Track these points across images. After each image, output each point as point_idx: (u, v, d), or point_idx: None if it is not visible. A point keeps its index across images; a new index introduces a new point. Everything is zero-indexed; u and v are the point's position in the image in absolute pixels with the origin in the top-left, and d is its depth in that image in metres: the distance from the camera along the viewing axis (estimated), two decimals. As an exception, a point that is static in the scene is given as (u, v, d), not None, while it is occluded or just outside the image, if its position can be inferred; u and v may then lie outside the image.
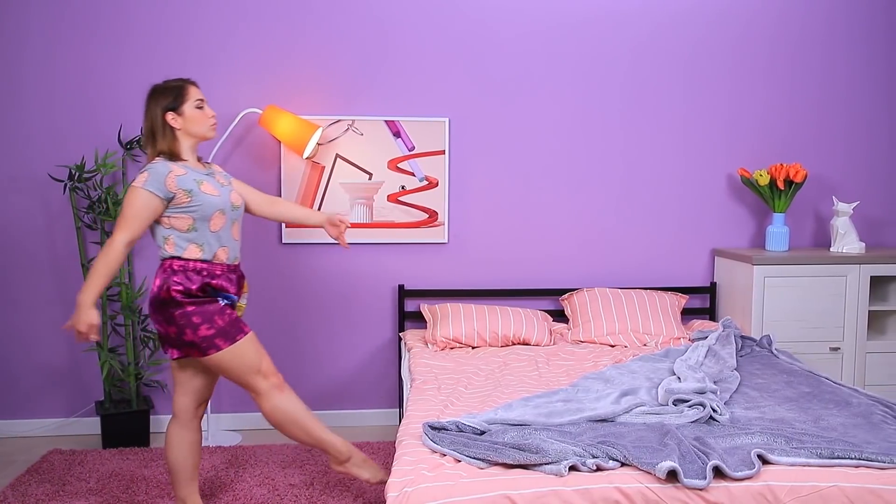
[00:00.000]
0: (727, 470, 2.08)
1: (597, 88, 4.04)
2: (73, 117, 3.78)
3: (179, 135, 2.65)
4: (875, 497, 2.08)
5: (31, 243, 3.82)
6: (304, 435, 2.76)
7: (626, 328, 3.76)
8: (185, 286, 2.56)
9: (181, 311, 2.55)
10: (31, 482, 3.24)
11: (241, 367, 2.66)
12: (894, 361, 3.87)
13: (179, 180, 2.56)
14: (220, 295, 2.63)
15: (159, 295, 2.57)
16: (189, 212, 2.57)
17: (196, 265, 2.59)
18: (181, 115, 2.63)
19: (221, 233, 2.65)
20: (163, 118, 2.62)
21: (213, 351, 2.59)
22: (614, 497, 2.06)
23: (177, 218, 2.57)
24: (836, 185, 4.23)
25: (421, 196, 3.97)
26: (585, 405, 2.60)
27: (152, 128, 2.63)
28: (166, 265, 2.59)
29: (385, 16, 3.90)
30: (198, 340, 2.57)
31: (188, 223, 2.58)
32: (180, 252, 2.58)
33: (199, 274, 2.59)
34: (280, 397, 2.72)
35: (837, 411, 2.61)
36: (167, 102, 2.62)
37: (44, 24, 3.73)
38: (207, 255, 2.61)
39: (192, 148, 2.69)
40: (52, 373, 3.89)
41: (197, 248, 2.60)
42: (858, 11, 4.14)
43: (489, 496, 2.03)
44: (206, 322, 2.57)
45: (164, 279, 2.57)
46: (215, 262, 2.63)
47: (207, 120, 2.68)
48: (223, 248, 2.66)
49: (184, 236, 2.59)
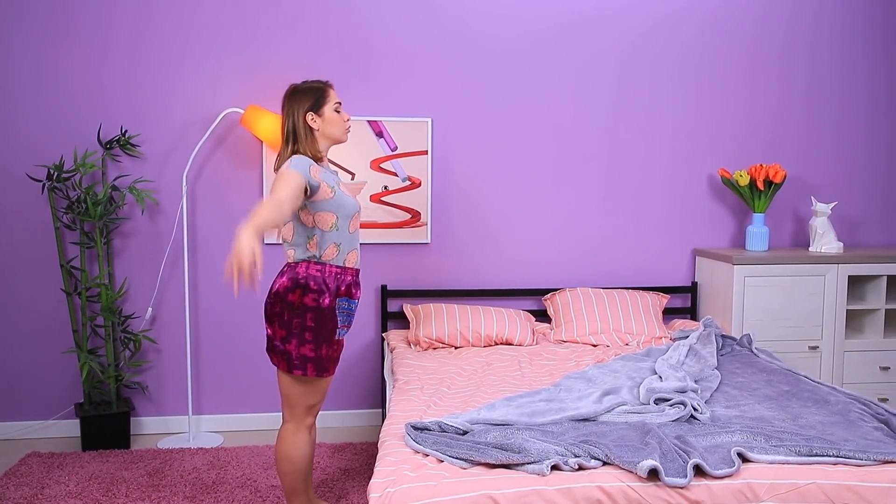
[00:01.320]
0: (707, 468, 2.10)
1: (580, 89, 4.06)
2: (52, 116, 3.75)
3: (317, 136, 2.64)
4: (852, 494, 2.11)
5: (8, 243, 3.77)
6: (291, 480, 2.69)
7: (609, 328, 3.77)
8: (319, 295, 2.52)
9: (300, 321, 2.51)
10: (10, 485, 3.20)
11: (305, 398, 2.63)
12: (871, 360, 3.92)
13: (321, 174, 2.55)
14: (345, 305, 2.59)
15: (287, 297, 2.52)
16: (332, 209, 2.55)
17: (331, 269, 2.57)
18: (321, 117, 2.61)
19: (355, 235, 2.65)
20: (304, 119, 2.60)
21: (299, 372, 2.55)
22: (596, 496, 2.07)
23: (321, 215, 2.54)
24: (815, 186, 4.28)
25: (404, 196, 3.97)
26: (568, 405, 2.61)
27: (294, 128, 2.60)
28: (302, 268, 2.54)
29: (368, 16, 3.90)
30: (295, 354, 2.53)
31: (332, 221, 2.56)
32: (321, 252, 2.55)
33: (335, 279, 2.57)
34: (305, 436, 2.68)
35: (816, 409, 2.64)
36: (309, 104, 2.61)
37: (25, 23, 3.69)
38: (342, 256, 2.59)
39: (327, 150, 2.69)
40: (30, 374, 3.85)
41: (335, 248, 2.57)
42: (841, 15, 4.18)
43: (472, 496, 2.04)
44: (313, 343, 2.53)
45: (295, 281, 2.52)
46: (347, 265, 2.62)
47: (344, 123, 2.68)
48: (354, 250, 2.65)
49: (327, 236, 2.56)
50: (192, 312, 3.91)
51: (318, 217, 2.54)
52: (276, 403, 4.01)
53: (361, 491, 3.15)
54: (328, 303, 2.54)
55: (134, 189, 3.61)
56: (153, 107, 3.80)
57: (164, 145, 3.82)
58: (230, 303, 3.93)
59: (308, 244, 2.56)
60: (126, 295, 3.85)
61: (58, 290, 3.81)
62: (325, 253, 2.56)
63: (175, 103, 3.81)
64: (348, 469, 3.39)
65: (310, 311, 2.52)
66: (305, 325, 2.52)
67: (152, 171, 3.82)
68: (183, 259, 3.85)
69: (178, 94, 3.81)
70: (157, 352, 3.91)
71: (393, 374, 3.29)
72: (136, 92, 3.79)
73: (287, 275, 2.55)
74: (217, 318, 3.93)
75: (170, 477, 3.29)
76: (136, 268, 3.85)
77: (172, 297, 3.89)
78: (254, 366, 3.98)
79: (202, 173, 3.86)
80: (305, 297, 2.51)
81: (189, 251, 3.87)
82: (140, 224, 3.84)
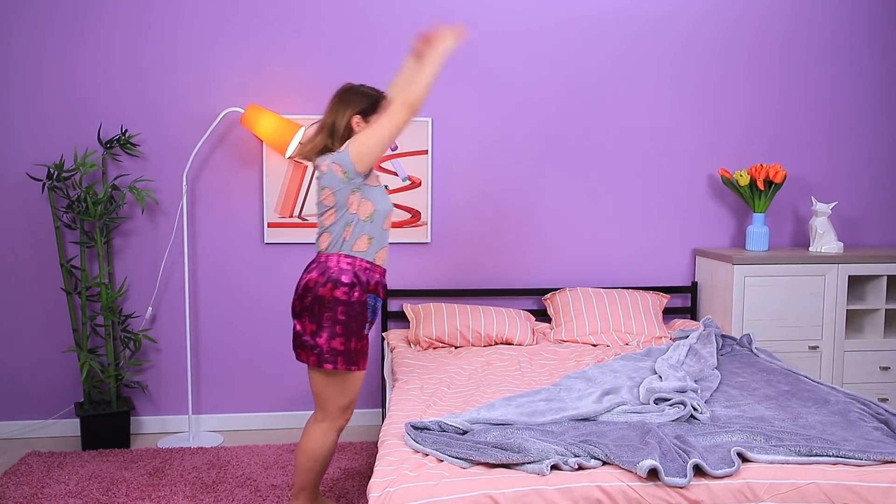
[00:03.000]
0: (707, 468, 2.10)
1: (579, 89, 4.06)
2: (52, 116, 3.75)
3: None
4: (852, 494, 2.11)
5: (8, 243, 3.77)
6: (308, 476, 2.69)
7: (609, 327, 3.77)
8: (350, 289, 2.53)
9: (330, 315, 2.52)
10: (10, 484, 3.20)
11: (337, 397, 2.63)
12: (871, 360, 3.92)
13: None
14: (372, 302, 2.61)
15: (317, 291, 2.53)
16: (373, 198, 2.58)
17: (361, 264, 2.58)
18: (367, 124, 2.62)
19: (387, 234, 2.67)
20: (349, 119, 2.61)
21: (329, 366, 2.55)
22: (595, 496, 2.06)
23: (365, 202, 2.57)
24: (815, 186, 4.28)
25: (404, 196, 3.97)
26: (567, 404, 2.61)
27: (334, 124, 2.61)
28: (333, 261, 2.57)
29: (368, 15, 3.90)
30: (325, 348, 2.54)
31: (370, 211, 2.59)
32: (353, 240, 2.58)
33: (365, 273, 2.58)
34: (334, 437, 2.69)
35: (816, 409, 2.64)
36: (360, 108, 2.62)
37: (26, 22, 3.69)
38: (373, 251, 2.61)
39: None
40: (30, 374, 3.85)
41: (367, 240, 2.60)
42: (841, 13, 4.18)
43: (471, 496, 2.04)
44: (343, 337, 2.54)
45: (326, 275, 2.54)
46: (376, 262, 2.64)
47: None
48: (384, 248, 2.67)
49: (362, 225, 2.58)
50: (192, 312, 3.92)
51: (361, 204, 2.58)
52: (276, 403, 4.02)
53: (361, 491, 3.15)
54: (358, 296, 2.56)
55: (134, 188, 3.61)
56: (153, 106, 3.80)
57: (165, 145, 3.82)
58: (230, 302, 3.93)
59: (344, 231, 2.58)
60: (126, 294, 3.86)
61: (58, 290, 3.81)
62: (357, 243, 2.58)
63: (175, 102, 3.81)
64: (348, 469, 3.39)
65: (341, 304, 2.53)
66: (336, 318, 2.53)
67: (152, 170, 3.83)
68: (183, 259, 3.85)
69: (178, 93, 3.81)
70: (157, 351, 3.91)
71: (393, 373, 3.29)
72: (137, 91, 3.79)
73: (316, 270, 2.57)
74: (217, 318, 3.93)
75: (170, 476, 3.29)
76: (136, 267, 3.85)
77: (172, 296, 3.89)
78: (254, 365, 3.99)
79: (202, 173, 3.86)
80: (336, 290, 2.53)
81: (189, 251, 3.88)
82: (140, 223, 3.84)
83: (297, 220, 3.91)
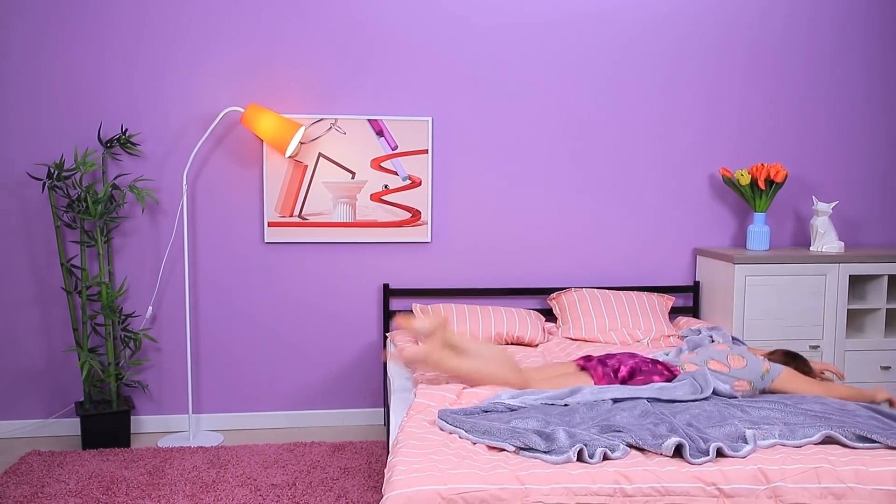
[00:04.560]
0: (726, 450, 2.17)
1: (580, 88, 4.06)
2: (52, 115, 3.74)
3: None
4: (866, 476, 2.13)
5: (9, 243, 3.77)
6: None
7: (617, 325, 3.77)
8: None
9: None
10: (10, 484, 3.20)
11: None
12: (872, 359, 3.91)
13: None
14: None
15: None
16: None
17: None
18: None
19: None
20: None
21: None
22: (613, 477, 2.10)
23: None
24: (816, 185, 4.27)
25: (404, 195, 3.97)
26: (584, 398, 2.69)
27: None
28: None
29: (368, 14, 3.90)
30: None
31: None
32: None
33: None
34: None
35: (815, 400, 2.68)
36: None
37: (24, 21, 3.68)
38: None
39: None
40: (30, 373, 3.84)
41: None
42: (841, 12, 4.18)
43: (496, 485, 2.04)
44: None
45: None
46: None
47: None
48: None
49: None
50: (192, 311, 3.91)
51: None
52: (276, 403, 4.01)
53: (361, 490, 3.15)
54: None
55: (134, 188, 3.61)
56: (153, 105, 3.80)
57: (165, 144, 3.82)
58: (230, 302, 3.93)
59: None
60: (126, 294, 3.85)
61: (58, 289, 3.81)
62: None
63: (175, 102, 3.81)
64: (348, 468, 3.39)
65: None
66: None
67: (152, 169, 3.82)
68: (183, 258, 3.85)
69: (178, 92, 3.81)
70: (158, 350, 3.91)
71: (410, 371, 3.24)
72: (137, 90, 3.79)
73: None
74: (217, 317, 3.93)
75: (170, 476, 3.29)
76: (136, 266, 3.85)
77: (172, 295, 3.89)
78: (254, 365, 3.98)
79: (202, 172, 3.86)
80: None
81: (189, 250, 3.87)
82: (140, 223, 3.84)
83: (297, 219, 3.91)
